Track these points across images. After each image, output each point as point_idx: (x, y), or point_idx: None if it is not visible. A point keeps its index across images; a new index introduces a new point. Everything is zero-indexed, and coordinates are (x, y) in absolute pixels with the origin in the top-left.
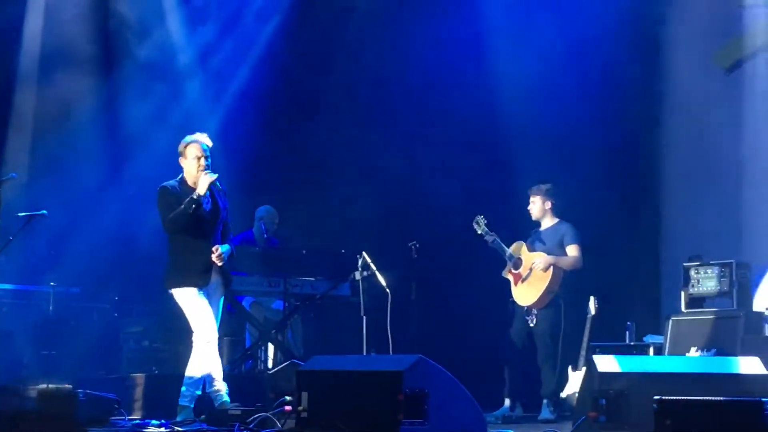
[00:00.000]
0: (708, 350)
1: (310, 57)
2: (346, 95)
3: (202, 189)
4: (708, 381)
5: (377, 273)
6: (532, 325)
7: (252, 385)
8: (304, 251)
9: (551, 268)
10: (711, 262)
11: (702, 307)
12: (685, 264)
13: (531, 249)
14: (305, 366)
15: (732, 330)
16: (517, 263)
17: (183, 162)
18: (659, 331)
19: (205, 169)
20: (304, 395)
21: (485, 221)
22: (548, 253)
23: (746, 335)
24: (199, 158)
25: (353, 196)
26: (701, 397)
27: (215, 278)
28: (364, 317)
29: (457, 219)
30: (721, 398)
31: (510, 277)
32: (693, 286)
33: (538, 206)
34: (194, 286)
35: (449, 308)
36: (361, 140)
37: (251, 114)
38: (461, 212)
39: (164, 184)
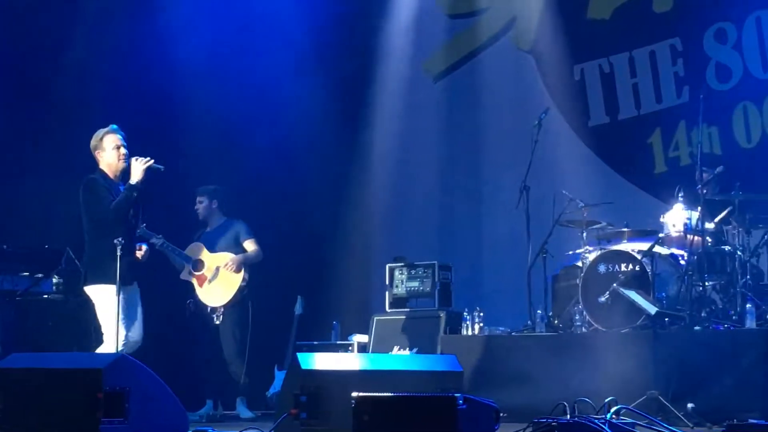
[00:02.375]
0: (410, 348)
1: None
2: (44, 85)
3: (137, 175)
4: (407, 378)
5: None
6: (218, 323)
7: None
8: (4, 246)
9: (243, 267)
10: (415, 263)
11: (405, 307)
12: (389, 265)
13: (210, 249)
14: (1, 364)
15: (433, 329)
16: (197, 265)
17: (100, 155)
18: (367, 330)
19: (126, 157)
20: None
21: (144, 225)
22: (227, 251)
23: (446, 334)
24: (118, 147)
25: (56, 190)
26: (397, 393)
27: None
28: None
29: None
30: (417, 394)
31: (192, 280)
32: (397, 286)
33: (204, 205)
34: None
35: (153, 305)
36: (62, 133)
37: None
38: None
39: (90, 176)
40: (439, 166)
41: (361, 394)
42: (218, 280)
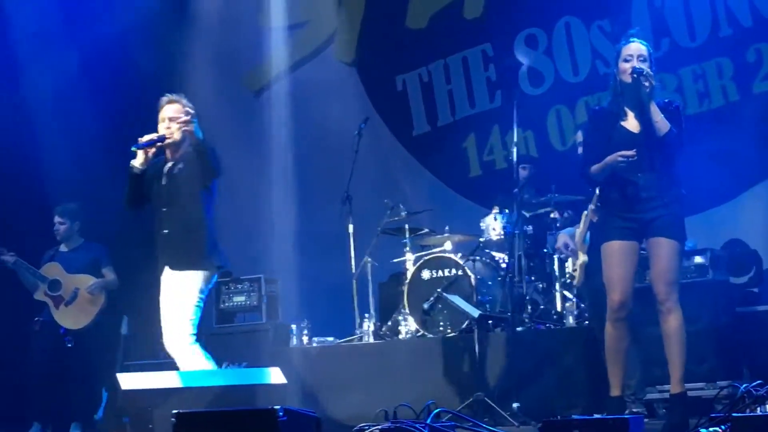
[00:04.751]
0: (239, 363)
1: None
2: None
3: (138, 157)
4: (232, 393)
5: None
6: (70, 345)
7: None
8: None
9: (104, 292)
10: (241, 277)
11: (233, 322)
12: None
13: (66, 271)
14: None
15: (261, 342)
16: (54, 285)
17: None
18: None
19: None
20: None
21: None
22: (87, 273)
23: (274, 347)
24: (162, 120)
25: None
26: (217, 409)
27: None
28: None
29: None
30: (238, 408)
31: (47, 300)
32: (224, 301)
33: (66, 227)
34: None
35: None
36: None
37: None
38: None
39: None
40: (261, 178)
41: (180, 411)
42: (77, 303)
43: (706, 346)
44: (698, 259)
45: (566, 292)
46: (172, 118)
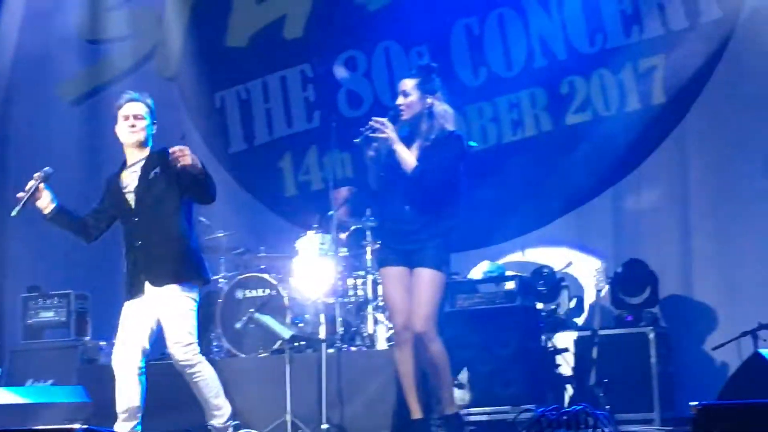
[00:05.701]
0: (45, 380)
1: None
2: None
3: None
4: (34, 410)
5: None
6: None
7: None
8: None
9: None
10: (50, 292)
11: (41, 338)
12: (23, 295)
13: None
14: None
15: (69, 359)
16: None
17: None
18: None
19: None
20: None
21: None
22: None
23: (82, 365)
24: (126, 118)
25: None
26: (19, 427)
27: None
28: None
29: None
30: (40, 428)
31: None
32: (31, 316)
33: None
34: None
35: None
36: None
37: None
38: None
39: None
40: (78, 190)
41: None
42: None
43: (512, 371)
44: (508, 286)
45: (378, 315)
46: (137, 116)
